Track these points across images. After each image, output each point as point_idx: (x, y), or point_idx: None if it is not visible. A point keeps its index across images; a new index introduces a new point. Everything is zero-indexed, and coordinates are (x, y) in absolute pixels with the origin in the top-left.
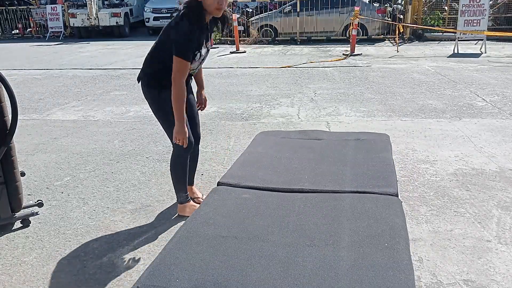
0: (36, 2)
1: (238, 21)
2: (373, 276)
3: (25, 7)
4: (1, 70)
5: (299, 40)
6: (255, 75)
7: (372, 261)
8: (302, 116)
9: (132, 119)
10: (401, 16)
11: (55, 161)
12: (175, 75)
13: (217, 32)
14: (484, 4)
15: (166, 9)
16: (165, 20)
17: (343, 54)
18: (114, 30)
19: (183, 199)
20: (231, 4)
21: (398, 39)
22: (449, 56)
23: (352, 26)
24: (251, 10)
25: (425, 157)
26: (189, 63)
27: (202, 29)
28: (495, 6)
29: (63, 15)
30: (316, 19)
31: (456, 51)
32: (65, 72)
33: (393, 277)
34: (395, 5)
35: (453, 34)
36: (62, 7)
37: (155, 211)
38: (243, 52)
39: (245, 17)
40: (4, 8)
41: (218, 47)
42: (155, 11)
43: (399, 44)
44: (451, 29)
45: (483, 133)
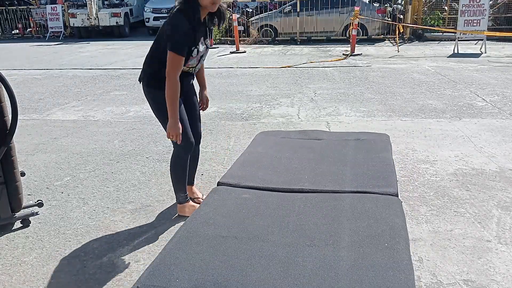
0: (36, 2)
1: (238, 21)
2: (373, 276)
3: (25, 7)
4: (1, 70)
5: (299, 40)
6: (255, 75)
7: (372, 261)
8: (302, 116)
9: (132, 119)
10: (401, 16)
11: (55, 161)
12: (169, 70)
13: (217, 32)
14: (484, 4)
15: (166, 9)
16: (165, 20)
17: (343, 54)
18: (114, 30)
19: (183, 199)
20: (231, 4)
21: (398, 39)
22: (449, 56)
23: (352, 26)
24: (251, 10)
25: (425, 157)
26: (182, 58)
27: (197, 24)
28: (495, 6)
29: (63, 15)
30: (316, 19)
31: (456, 51)
32: (65, 72)
33: (393, 277)
34: (395, 5)
35: (453, 34)
36: (62, 7)
37: (155, 211)
38: (243, 52)
39: (245, 17)
40: (4, 8)
41: (218, 47)
42: (155, 11)
43: (399, 44)
44: (451, 29)
45: (483, 133)
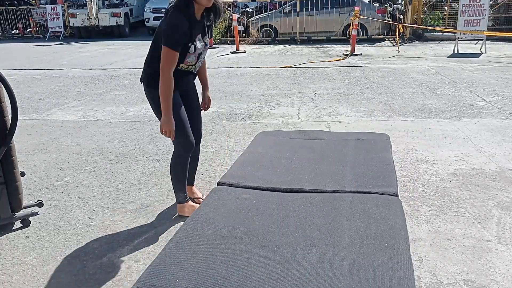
0: (36, 2)
1: (238, 21)
2: (373, 276)
3: (25, 7)
4: (1, 70)
5: (299, 40)
6: (255, 75)
7: (372, 261)
8: (302, 116)
9: (132, 119)
10: (401, 16)
11: (55, 161)
12: (162, 65)
13: (217, 32)
14: (484, 4)
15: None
16: None
17: (343, 54)
18: (114, 30)
19: (182, 199)
20: (231, 4)
21: (398, 39)
22: (449, 56)
23: (352, 26)
24: (251, 10)
25: (425, 157)
26: (176, 54)
27: (193, 20)
28: (495, 6)
29: (63, 15)
30: (316, 19)
31: (456, 51)
32: (65, 72)
33: (393, 277)
34: (395, 5)
35: (453, 34)
36: (62, 7)
37: (155, 211)
38: (243, 52)
39: (245, 17)
40: (4, 8)
41: (218, 47)
42: (155, 11)
43: (400, 44)
44: (451, 29)
45: (483, 133)
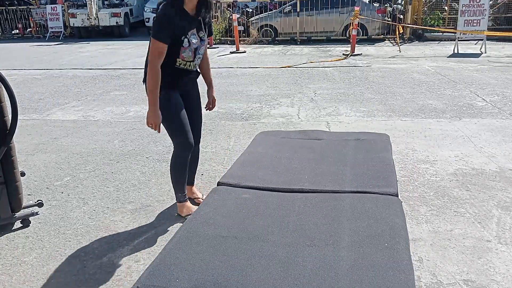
0: (36, 2)
1: (238, 21)
2: (373, 276)
3: (25, 7)
4: (1, 70)
5: (299, 40)
6: (255, 75)
7: (372, 261)
8: (302, 116)
9: (132, 119)
10: (401, 16)
11: (55, 161)
12: (150, 57)
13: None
14: (484, 4)
15: None
16: None
17: (343, 54)
18: (114, 30)
19: (181, 199)
20: (231, 4)
21: (398, 39)
22: (449, 56)
23: (352, 26)
24: (251, 10)
25: (425, 157)
26: (164, 46)
27: (183, 13)
28: (495, 6)
29: (63, 15)
30: (316, 19)
31: (456, 51)
32: (65, 72)
33: (393, 277)
34: (395, 5)
35: (453, 34)
36: (62, 7)
37: (155, 211)
38: (243, 52)
39: (245, 17)
40: (4, 8)
41: (218, 47)
42: (155, 11)
43: (400, 44)
44: (451, 29)
45: (483, 133)
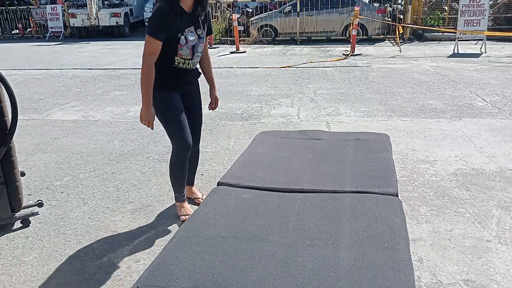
0: (36, 2)
1: (238, 21)
2: (373, 276)
3: (25, 7)
4: (1, 70)
5: (299, 40)
6: (255, 75)
7: (372, 261)
8: (302, 116)
9: (132, 119)
10: (401, 16)
11: (55, 161)
12: (144, 54)
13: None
14: (484, 4)
15: None
16: None
17: (343, 54)
18: (114, 30)
19: (179, 199)
20: (231, 4)
21: (399, 39)
22: (449, 56)
23: (352, 26)
24: (251, 10)
25: (425, 157)
26: (158, 43)
27: (179, 10)
28: (495, 6)
29: (63, 15)
30: (316, 19)
31: (456, 51)
32: (65, 72)
33: (393, 277)
34: (395, 5)
35: (453, 34)
36: (62, 7)
37: (155, 211)
38: (243, 52)
39: (245, 17)
40: (4, 8)
41: (218, 47)
42: None
43: (400, 44)
44: (451, 29)
45: (483, 133)
